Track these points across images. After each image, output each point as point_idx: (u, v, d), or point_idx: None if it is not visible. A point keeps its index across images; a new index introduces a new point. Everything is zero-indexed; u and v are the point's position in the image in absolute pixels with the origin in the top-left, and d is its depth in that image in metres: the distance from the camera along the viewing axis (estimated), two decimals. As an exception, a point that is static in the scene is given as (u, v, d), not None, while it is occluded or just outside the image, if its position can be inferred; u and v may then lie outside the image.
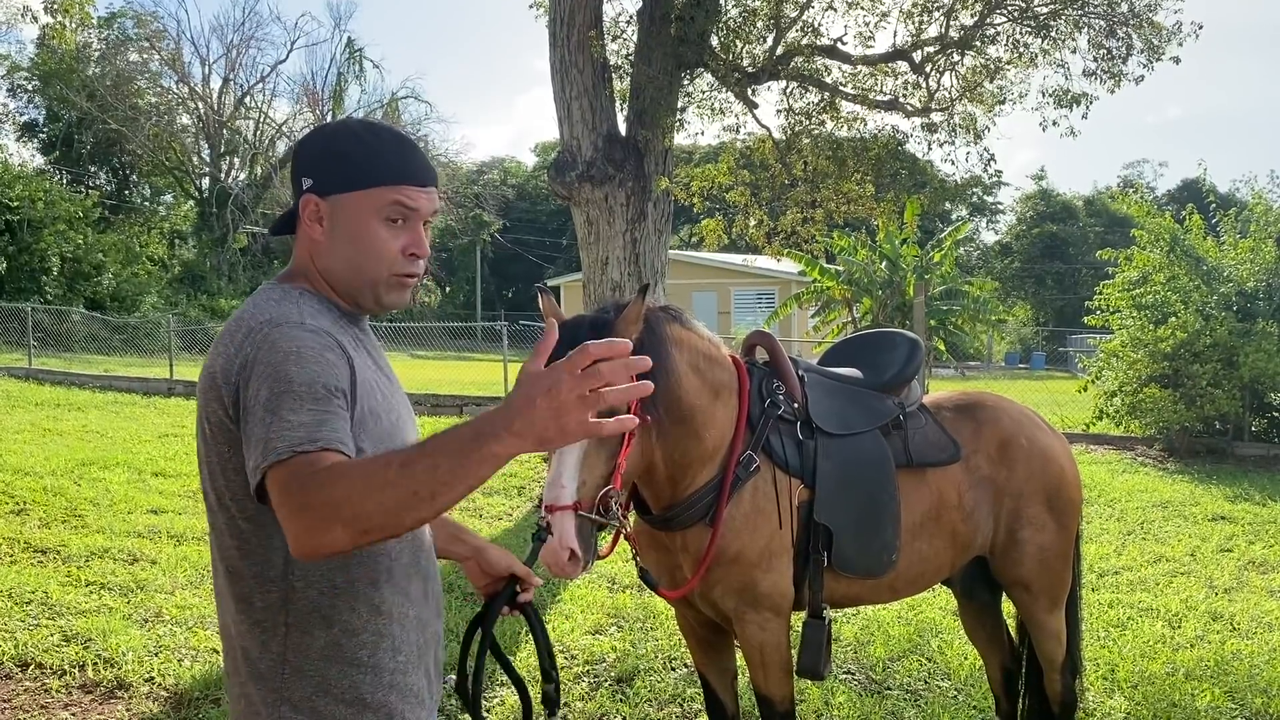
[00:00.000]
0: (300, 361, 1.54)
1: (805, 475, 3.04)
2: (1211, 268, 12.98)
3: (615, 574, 6.47)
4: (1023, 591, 3.47)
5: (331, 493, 1.39)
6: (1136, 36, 9.24)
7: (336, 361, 1.59)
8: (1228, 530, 8.30)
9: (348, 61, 46.84)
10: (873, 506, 3.12)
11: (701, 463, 2.92)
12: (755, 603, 2.98)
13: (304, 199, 1.71)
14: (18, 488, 8.47)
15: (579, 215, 9.84)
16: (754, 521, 2.96)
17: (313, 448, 1.45)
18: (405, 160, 1.72)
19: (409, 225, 1.72)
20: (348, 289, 1.74)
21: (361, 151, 1.70)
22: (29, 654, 4.83)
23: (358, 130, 1.75)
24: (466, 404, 15.43)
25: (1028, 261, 49.74)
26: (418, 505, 1.39)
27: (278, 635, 1.65)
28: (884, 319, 19.67)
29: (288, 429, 1.47)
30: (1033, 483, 3.40)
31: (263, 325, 1.60)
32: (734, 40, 9.49)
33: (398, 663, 1.70)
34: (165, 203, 46.23)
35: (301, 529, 1.41)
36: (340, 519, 1.39)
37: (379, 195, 1.69)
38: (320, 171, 1.71)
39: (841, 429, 3.14)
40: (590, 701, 4.50)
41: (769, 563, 2.98)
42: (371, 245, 1.70)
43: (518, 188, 56.04)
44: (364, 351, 1.74)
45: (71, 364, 22.04)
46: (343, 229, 1.70)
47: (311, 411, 1.49)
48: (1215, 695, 4.65)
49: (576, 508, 2.44)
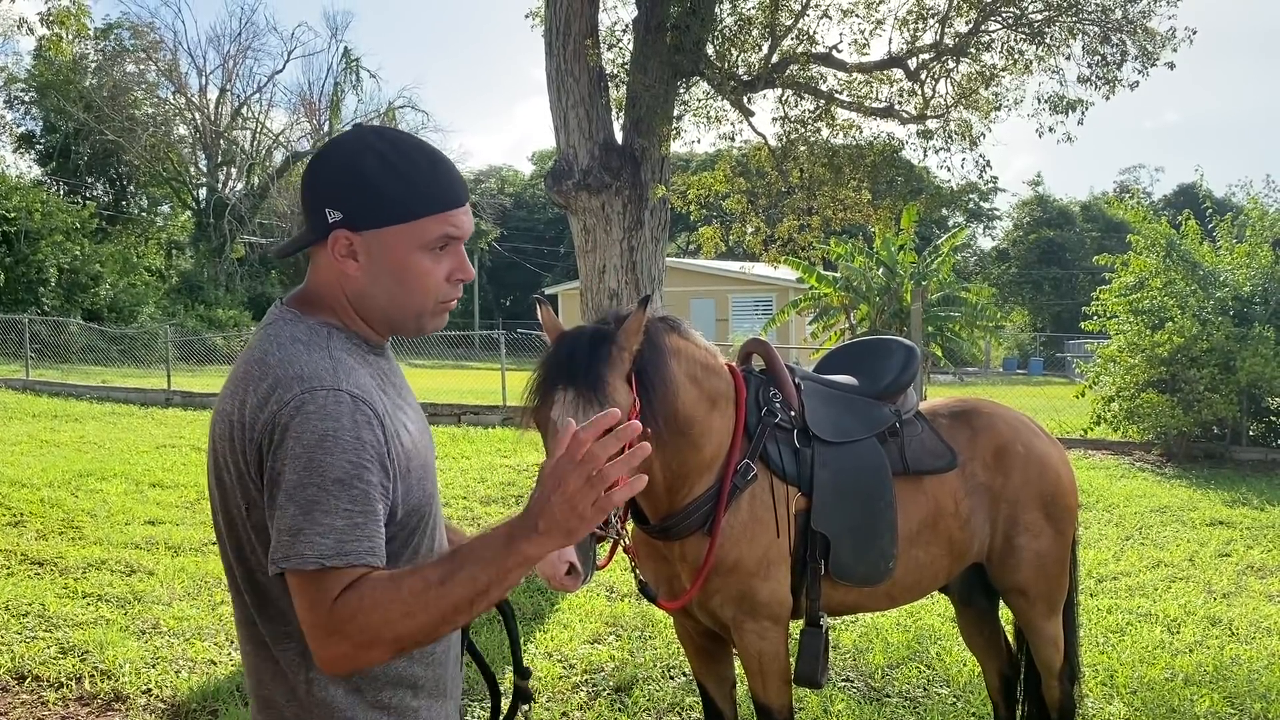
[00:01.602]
0: (336, 449, 1.46)
1: (802, 483, 3.03)
2: (1208, 272, 13.00)
3: (613, 583, 6.46)
4: (1020, 598, 3.47)
5: (369, 620, 1.40)
6: (1131, 42, 9.27)
7: (372, 439, 1.50)
8: (1226, 535, 8.30)
9: (345, 71, 46.93)
10: (870, 514, 3.11)
11: (699, 472, 2.91)
12: (754, 611, 2.98)
13: (335, 235, 1.58)
14: (15, 499, 8.45)
15: (576, 223, 9.85)
16: (752, 530, 2.95)
17: (341, 563, 1.42)
18: (444, 183, 1.61)
19: (451, 249, 1.64)
20: (388, 321, 1.66)
21: (396, 180, 1.57)
22: (26, 666, 4.81)
23: (385, 152, 1.59)
24: (464, 412, 15.42)
25: (1025, 267, 49.80)
26: (457, 617, 1.44)
27: (300, 686, 1.60)
28: (881, 325, 19.70)
29: (318, 534, 1.42)
30: (1029, 489, 3.39)
31: (293, 382, 1.50)
32: (729, 48, 9.51)
33: (420, 702, 1.67)
34: (162, 213, 46.23)
35: (336, 655, 1.43)
36: (379, 643, 1.42)
37: (424, 228, 1.58)
38: (351, 204, 1.57)
39: (838, 437, 3.13)
40: (589, 711, 4.49)
41: (767, 571, 2.97)
42: (417, 279, 1.61)
43: (515, 196, 56.15)
44: (390, 388, 1.67)
45: (69, 375, 22.02)
46: (384, 265, 1.60)
47: (347, 514, 1.44)
48: (1214, 700, 4.65)
49: None
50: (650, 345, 2.73)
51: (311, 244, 1.64)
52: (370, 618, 1.40)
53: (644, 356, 2.68)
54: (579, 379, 2.55)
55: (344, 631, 1.41)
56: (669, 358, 2.80)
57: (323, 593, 1.42)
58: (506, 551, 1.41)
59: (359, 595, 1.41)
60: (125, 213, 43.11)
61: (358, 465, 1.47)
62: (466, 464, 11.08)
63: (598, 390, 2.53)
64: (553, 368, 2.61)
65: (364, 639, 1.41)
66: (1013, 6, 9.27)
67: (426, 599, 1.40)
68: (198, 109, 43.89)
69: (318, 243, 1.62)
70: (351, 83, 47.22)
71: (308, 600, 1.43)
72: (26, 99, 41.67)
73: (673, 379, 2.79)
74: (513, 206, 54.59)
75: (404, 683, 1.65)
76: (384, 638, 1.41)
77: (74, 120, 38.50)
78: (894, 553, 3.14)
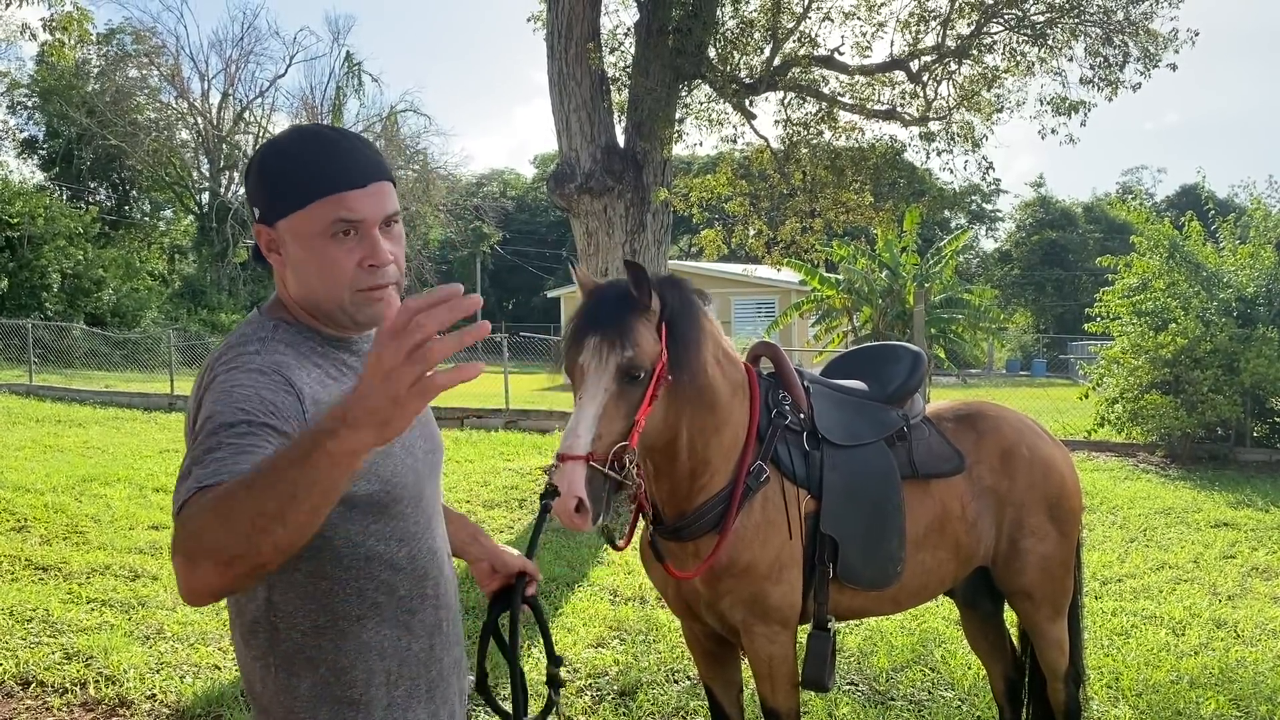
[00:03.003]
0: (231, 401, 1.45)
1: (811, 486, 3.02)
2: (1211, 273, 12.99)
3: (617, 587, 6.46)
4: (1025, 601, 3.47)
5: (192, 528, 1.27)
6: (1133, 44, 9.28)
7: (277, 400, 1.48)
8: (1231, 537, 8.28)
9: (346, 75, 46.99)
10: (878, 518, 3.11)
11: (720, 461, 2.89)
12: (765, 615, 2.96)
13: (255, 230, 1.63)
14: (18, 504, 8.46)
15: (578, 226, 9.86)
16: (764, 533, 2.94)
17: (214, 480, 1.33)
18: (334, 167, 1.57)
19: (361, 235, 1.58)
20: (320, 313, 1.65)
21: (289, 168, 1.58)
22: (30, 672, 4.81)
23: (283, 145, 1.62)
24: (467, 415, 15.43)
25: (1027, 269, 49.76)
26: (268, 525, 1.22)
27: (270, 675, 1.62)
28: (884, 327, 19.68)
29: (199, 468, 1.36)
30: (1034, 492, 3.39)
31: (218, 367, 1.55)
32: (731, 51, 9.53)
33: (394, 697, 1.66)
34: (165, 218, 46.30)
35: (179, 574, 1.28)
36: (202, 553, 1.25)
37: (316, 213, 1.56)
38: (260, 198, 1.61)
39: (848, 440, 3.13)
40: (593, 715, 4.49)
41: (779, 574, 2.96)
42: (324, 267, 1.58)
43: (517, 199, 56.16)
44: (350, 377, 1.66)
45: (72, 380, 22.05)
46: (295, 255, 1.60)
47: (230, 446, 1.38)
48: (1220, 703, 4.63)
49: (589, 459, 2.41)
50: (683, 299, 2.72)
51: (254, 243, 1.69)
52: (193, 526, 1.27)
53: (675, 309, 2.67)
54: (606, 325, 2.58)
55: (177, 547, 1.28)
56: (702, 317, 2.78)
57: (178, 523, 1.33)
58: (311, 447, 1.21)
59: (190, 509, 1.30)
60: (128, 217, 43.17)
61: (249, 411, 1.44)
62: (470, 467, 11.08)
63: (623, 334, 2.55)
64: (583, 317, 2.65)
65: (189, 551, 1.26)
66: (1015, 8, 9.28)
67: (234, 502, 1.23)
68: (200, 113, 43.95)
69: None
70: (353, 87, 47.31)
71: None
72: (29, 104, 41.75)
73: (705, 337, 2.77)
74: (515, 210, 54.59)
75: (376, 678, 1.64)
76: (204, 547, 1.24)
77: (77, 125, 38.56)
78: (901, 556, 3.14)
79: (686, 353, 2.68)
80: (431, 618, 1.73)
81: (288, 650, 1.60)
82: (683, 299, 2.72)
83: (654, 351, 2.59)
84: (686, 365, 2.67)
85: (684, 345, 2.67)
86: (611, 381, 2.53)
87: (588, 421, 2.47)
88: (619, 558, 7.18)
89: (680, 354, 2.66)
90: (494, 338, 22.23)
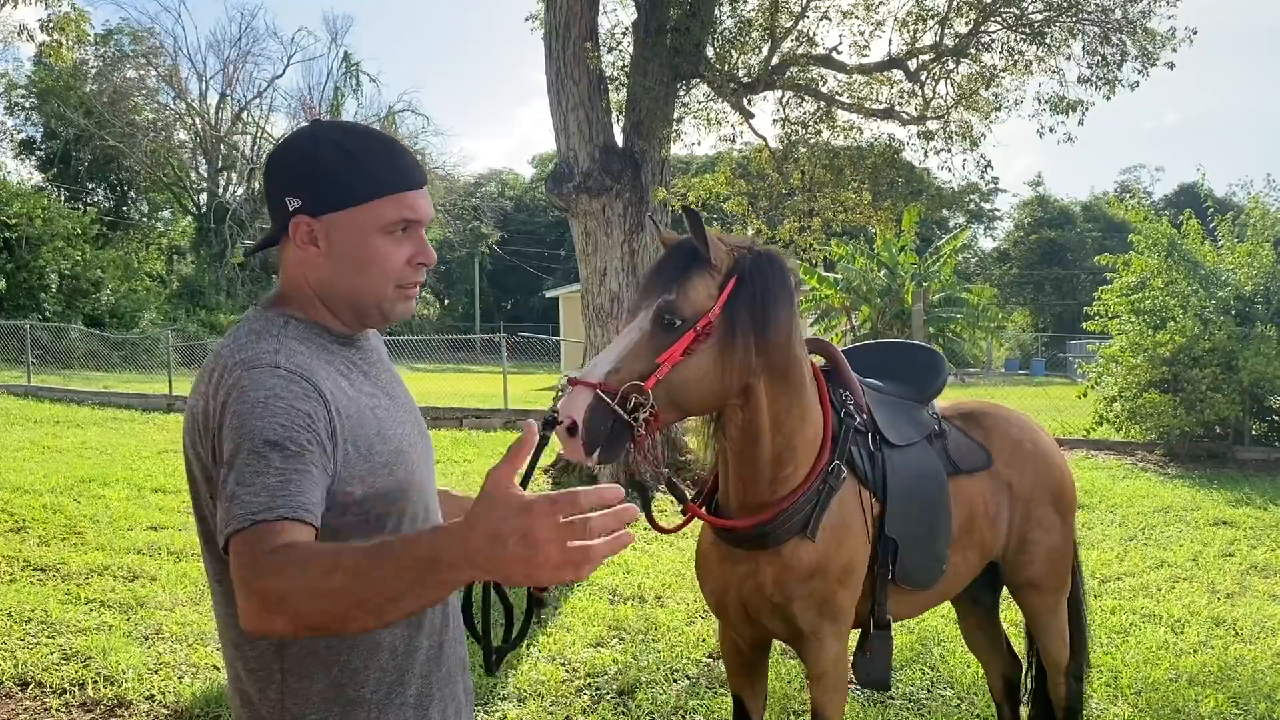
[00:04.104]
0: (268, 414, 1.45)
1: (877, 487, 2.97)
2: (1209, 272, 12.99)
3: (616, 586, 6.46)
4: (1032, 592, 3.49)
5: (277, 584, 1.31)
6: (1131, 43, 9.28)
7: (310, 409, 1.49)
8: (1229, 535, 8.28)
9: (345, 76, 47.03)
10: (931, 518, 3.07)
11: (804, 453, 2.80)
12: (834, 618, 2.90)
13: (295, 221, 1.61)
14: (17, 505, 8.45)
15: (577, 226, 9.85)
16: (840, 535, 2.87)
17: (271, 516, 1.37)
18: (399, 167, 1.63)
19: (411, 233, 1.64)
20: (352, 307, 1.66)
21: (351, 164, 1.60)
22: (29, 672, 4.81)
23: (338, 139, 1.63)
24: (466, 416, 15.43)
25: (1026, 268, 49.80)
26: (362, 617, 1.29)
27: (274, 682, 1.60)
28: (883, 327, 19.69)
29: (249, 493, 1.39)
30: (1041, 485, 3.42)
31: (235, 366, 1.52)
32: (729, 51, 9.52)
33: (405, 696, 1.66)
34: (163, 218, 46.30)
35: (247, 612, 1.34)
36: (283, 613, 1.30)
37: (380, 209, 1.60)
38: (308, 189, 1.60)
39: (901, 440, 3.08)
40: (592, 715, 4.48)
41: (851, 578, 2.91)
42: (376, 262, 1.62)
43: (516, 200, 56.15)
44: (358, 375, 1.67)
45: (70, 381, 22.04)
46: (344, 249, 1.61)
47: (279, 472, 1.41)
48: (1219, 701, 4.63)
49: (599, 387, 2.33)
50: (762, 265, 2.61)
51: (277, 238, 1.67)
52: (278, 583, 1.30)
53: (748, 270, 2.58)
54: (664, 272, 2.55)
55: (254, 590, 1.32)
56: (786, 287, 2.66)
57: (249, 548, 1.35)
58: (429, 570, 1.25)
59: (276, 557, 1.33)
60: (126, 218, 43.16)
61: (290, 428, 1.45)
62: (469, 467, 11.08)
63: (673, 281, 2.51)
64: (652, 267, 2.64)
65: (267, 604, 1.30)
66: (1013, 7, 9.28)
67: (333, 583, 1.27)
68: (198, 114, 43.96)
69: (282, 234, 1.65)
70: (351, 87, 47.37)
71: (235, 556, 1.37)
72: (27, 105, 41.76)
73: (791, 307, 2.66)
74: (513, 210, 54.60)
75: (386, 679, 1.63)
76: (286, 610, 1.29)
77: (74, 126, 38.58)
78: (946, 556, 3.12)
79: (764, 314, 2.57)
80: (440, 614, 1.73)
81: (298, 654, 1.59)
82: (763, 264, 2.62)
83: (700, 304, 2.51)
84: (756, 323, 2.56)
85: (758, 307, 2.57)
86: (648, 322, 2.47)
87: (611, 354, 2.41)
88: (617, 557, 7.17)
89: (749, 314, 2.55)
90: (492, 338, 22.27)
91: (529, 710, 4.46)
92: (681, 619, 5.77)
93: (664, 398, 2.44)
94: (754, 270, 2.59)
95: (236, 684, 1.65)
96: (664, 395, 2.44)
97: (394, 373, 1.82)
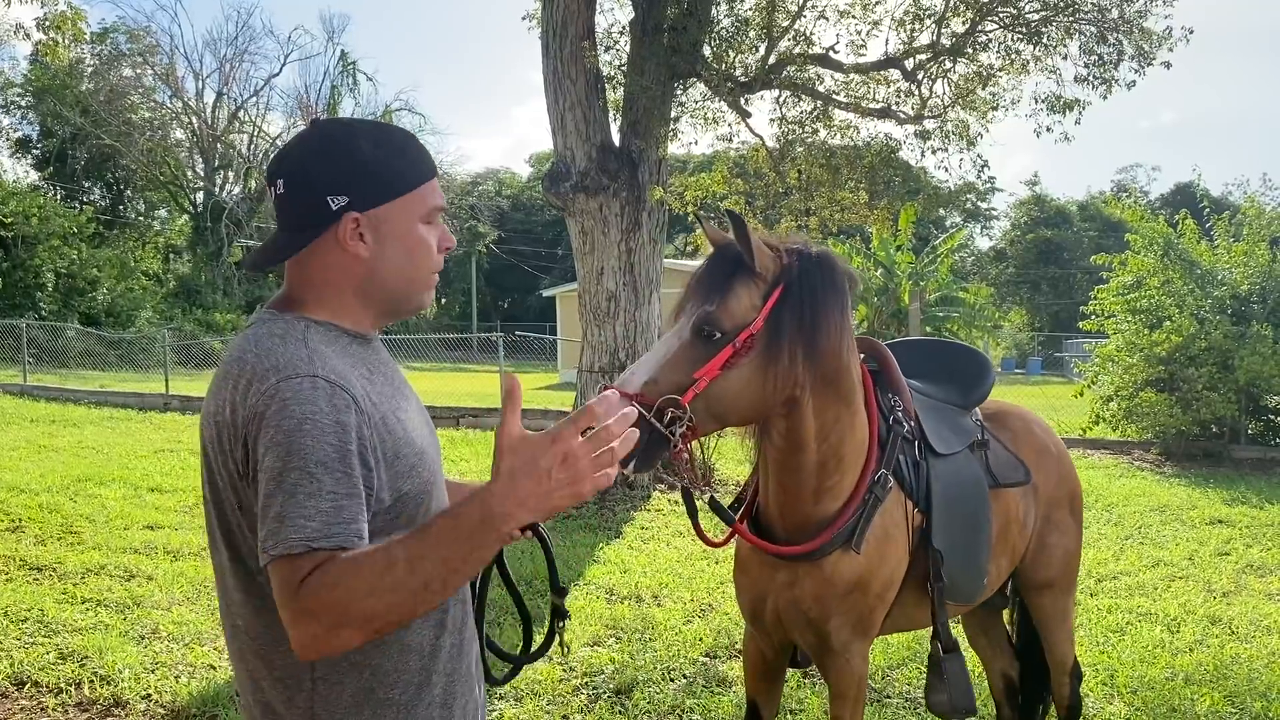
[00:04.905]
0: (316, 432, 1.44)
1: (919, 498, 2.85)
2: (1205, 271, 13.02)
3: (613, 585, 6.46)
4: (1046, 593, 3.46)
5: (337, 595, 1.35)
6: (1127, 42, 9.28)
7: (352, 421, 1.49)
8: (1225, 534, 8.30)
9: (341, 74, 46.95)
10: (973, 531, 2.97)
11: (852, 460, 2.70)
12: (865, 634, 2.82)
13: (345, 219, 1.59)
14: (13, 505, 8.44)
15: (574, 225, 9.85)
16: (884, 548, 2.76)
17: (328, 545, 1.39)
18: (425, 155, 1.69)
19: (436, 221, 1.69)
20: (393, 300, 1.68)
21: (389, 157, 1.63)
22: (25, 672, 4.80)
23: (371, 133, 1.64)
24: (463, 415, 15.42)
25: (1023, 267, 49.85)
26: (430, 596, 1.37)
27: (303, 690, 1.59)
28: (880, 326, 19.71)
29: (304, 517, 1.40)
30: (1061, 488, 3.42)
31: (269, 374, 1.49)
32: (726, 50, 9.51)
33: (432, 696, 1.66)
34: (160, 217, 46.23)
35: (307, 635, 1.37)
36: (349, 622, 1.35)
37: (419, 199, 1.65)
38: (354, 186, 1.60)
39: (944, 448, 2.97)
40: (589, 714, 4.48)
41: (888, 593, 2.81)
42: (421, 251, 1.66)
43: (513, 199, 56.13)
44: (379, 377, 1.66)
45: (67, 380, 22.01)
46: (394, 240, 1.63)
47: (331, 496, 1.42)
48: (1215, 699, 4.64)
49: (636, 398, 2.26)
50: (812, 270, 2.50)
51: (307, 242, 1.63)
52: (334, 594, 1.35)
53: (797, 277, 2.48)
54: (707, 278, 2.49)
55: (313, 611, 1.35)
56: (838, 293, 2.54)
57: (296, 573, 1.38)
58: (483, 529, 1.36)
59: (322, 573, 1.36)
60: (122, 217, 43.10)
61: (339, 448, 1.45)
62: (465, 466, 11.08)
63: (714, 290, 2.43)
64: (697, 271, 2.56)
65: (332, 619, 1.35)
66: (1009, 6, 9.28)
67: (395, 577, 1.34)
68: (195, 113, 43.89)
69: (320, 234, 1.61)
70: (348, 86, 47.29)
71: (284, 583, 1.39)
72: (23, 104, 41.67)
73: (841, 315, 2.55)
74: (510, 209, 54.57)
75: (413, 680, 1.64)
76: (351, 616, 1.35)
77: (71, 125, 38.50)
78: (989, 568, 3.03)
79: (813, 323, 2.47)
80: (460, 612, 1.73)
81: (330, 660, 1.58)
82: (812, 269, 2.50)
83: (742, 315, 2.41)
84: (804, 333, 2.46)
85: (806, 316, 2.47)
86: (688, 332, 2.40)
87: (649, 364, 2.35)
88: (614, 556, 7.18)
89: (796, 324, 2.45)
90: (489, 337, 22.26)
91: (526, 709, 4.46)
92: (679, 618, 5.77)
93: (702, 410, 2.37)
94: (803, 276, 2.49)
95: (257, 695, 1.63)
96: (702, 408, 2.37)
97: (400, 371, 1.82)
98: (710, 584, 6.46)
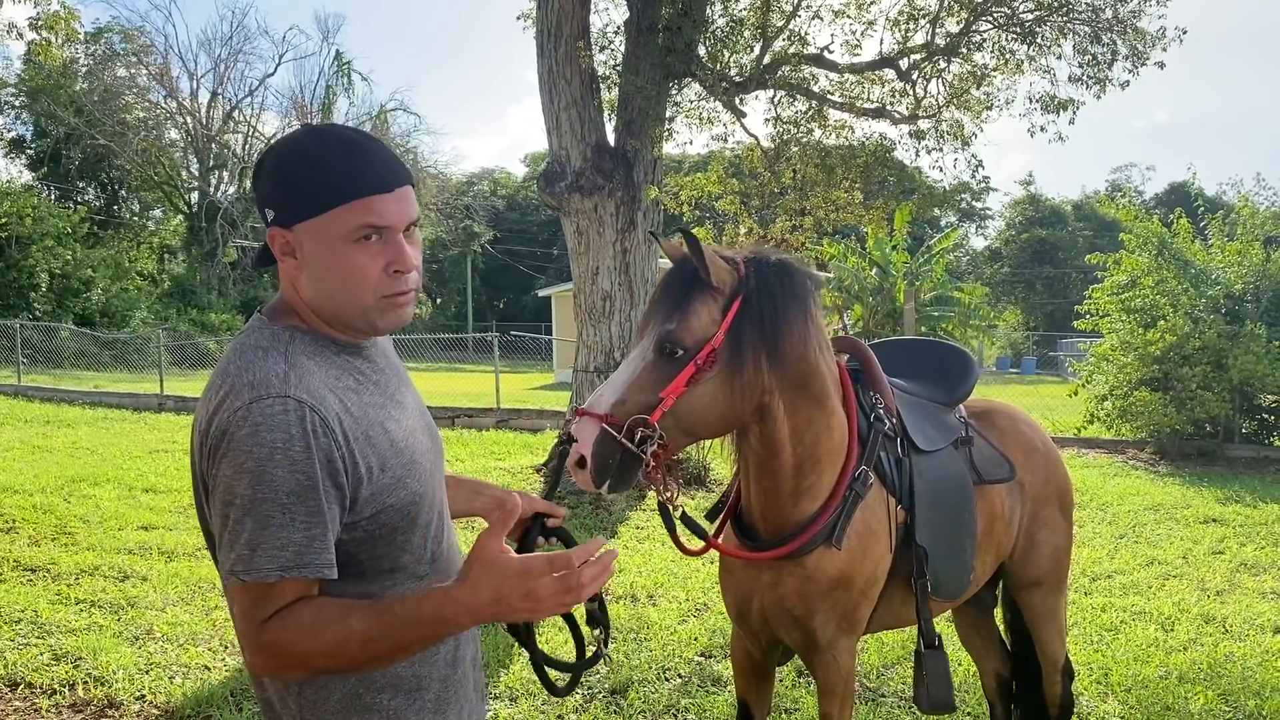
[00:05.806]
0: (287, 462, 1.44)
1: (902, 495, 2.88)
2: (1199, 271, 13.05)
3: (608, 585, 6.45)
4: (1035, 591, 3.47)
5: (295, 647, 1.46)
6: (1121, 42, 9.31)
7: (325, 445, 1.48)
8: (1219, 533, 8.32)
9: (336, 74, 46.86)
10: (957, 527, 2.99)
11: (829, 460, 2.72)
12: (851, 630, 2.84)
13: (270, 233, 1.57)
14: (7, 505, 8.42)
15: (569, 225, 9.85)
16: (866, 544, 2.77)
17: (298, 575, 1.46)
18: (360, 169, 1.53)
19: (385, 240, 1.55)
20: (337, 320, 1.60)
21: (310, 172, 1.53)
22: (18, 673, 4.79)
23: (304, 146, 1.55)
24: (458, 415, 15.41)
25: (1017, 266, 49.93)
26: (373, 665, 1.52)
27: (291, 692, 1.61)
28: (875, 325, 19.72)
29: (277, 547, 1.44)
30: (1050, 486, 3.42)
31: (243, 389, 1.47)
32: (721, 50, 9.52)
33: (424, 701, 1.66)
34: (154, 217, 46.12)
35: (258, 663, 1.49)
36: (299, 669, 1.50)
37: (341, 218, 1.51)
38: (277, 200, 1.55)
39: (928, 445, 2.99)
40: (584, 713, 4.48)
41: (872, 589, 2.83)
42: (348, 273, 1.54)
43: (508, 198, 56.07)
44: (369, 386, 1.63)
45: (61, 380, 21.96)
46: (314, 260, 1.55)
47: (304, 526, 1.45)
48: (1209, 698, 4.66)
49: (605, 419, 2.30)
50: (770, 278, 2.52)
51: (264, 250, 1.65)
52: (292, 645, 1.46)
53: (755, 288, 2.49)
54: (667, 296, 2.49)
55: (269, 649, 1.46)
56: (798, 299, 2.56)
57: (262, 603, 1.46)
58: (437, 629, 1.46)
59: (284, 624, 1.45)
60: (117, 217, 43.00)
61: (310, 476, 1.46)
62: (460, 467, 11.07)
63: (674, 308, 2.44)
64: (659, 287, 2.56)
65: (284, 662, 1.48)
66: (1003, 6, 9.30)
67: (349, 651, 1.45)
68: (189, 113, 43.79)
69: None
70: (343, 86, 47.20)
71: (244, 609, 1.47)
72: (17, 104, 41.55)
73: (804, 319, 2.56)
74: (506, 209, 54.52)
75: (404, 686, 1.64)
76: (303, 666, 1.49)
77: (65, 125, 38.39)
78: (974, 565, 3.05)
79: (775, 330, 2.49)
80: None
81: None
82: (770, 277, 2.52)
83: (702, 331, 2.43)
84: (766, 343, 2.48)
85: (767, 325, 2.48)
86: (651, 351, 2.41)
87: (616, 384, 2.37)
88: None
89: (758, 333, 2.47)
90: (485, 337, 22.25)
91: (520, 709, 4.46)
92: (673, 618, 5.77)
93: (673, 427, 2.39)
94: (761, 286, 2.50)
95: (260, 691, 1.66)
96: (672, 424, 2.39)
97: (403, 375, 1.78)
98: (705, 584, 6.46)
